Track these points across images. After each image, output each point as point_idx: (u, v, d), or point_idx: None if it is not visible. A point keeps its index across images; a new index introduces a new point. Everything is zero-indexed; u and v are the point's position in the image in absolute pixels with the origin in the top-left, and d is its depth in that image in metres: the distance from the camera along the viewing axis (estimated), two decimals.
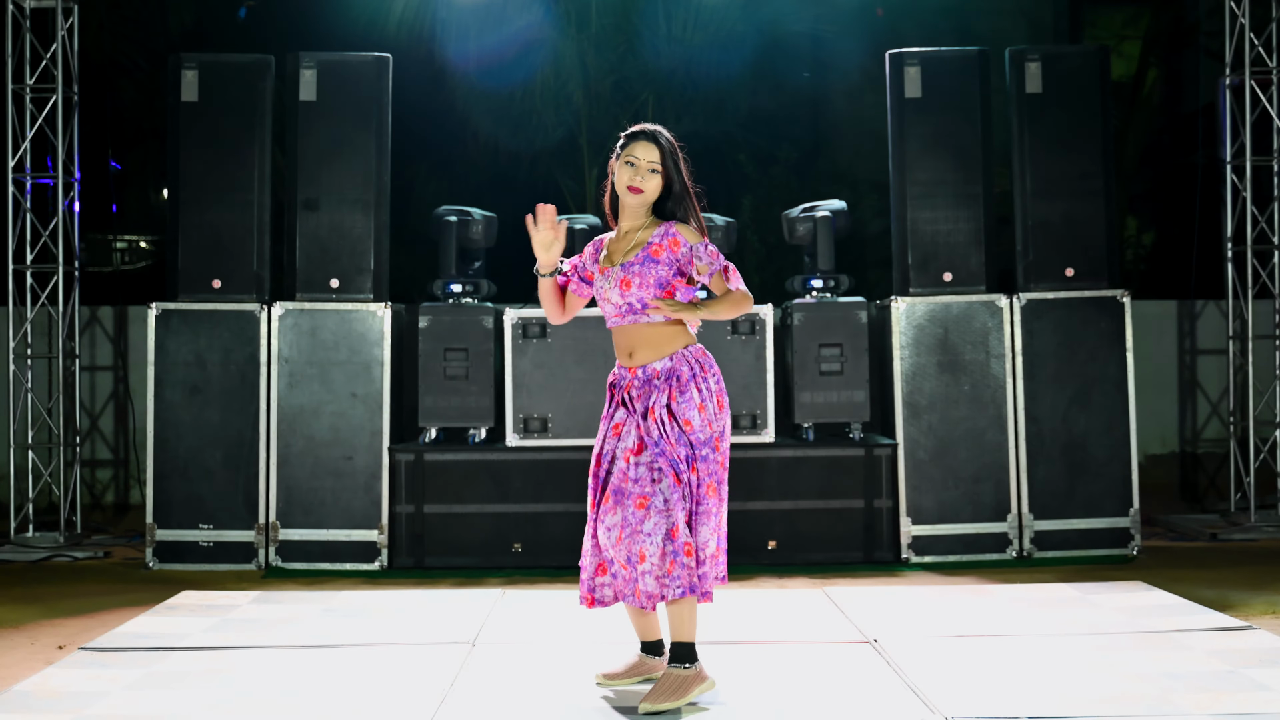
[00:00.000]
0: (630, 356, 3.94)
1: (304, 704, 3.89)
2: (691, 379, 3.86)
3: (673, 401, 3.84)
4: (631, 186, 3.90)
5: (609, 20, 11.05)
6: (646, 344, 3.91)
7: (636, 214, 3.96)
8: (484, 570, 6.34)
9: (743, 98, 11.54)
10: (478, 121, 11.50)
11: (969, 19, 11.74)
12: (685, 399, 3.84)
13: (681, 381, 3.85)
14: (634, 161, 3.90)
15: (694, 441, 3.83)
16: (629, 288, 3.89)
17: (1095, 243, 6.62)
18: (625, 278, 3.89)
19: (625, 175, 3.91)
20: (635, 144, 3.92)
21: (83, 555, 6.74)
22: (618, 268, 3.92)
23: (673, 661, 3.87)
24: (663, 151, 3.91)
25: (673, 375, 3.87)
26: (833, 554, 6.36)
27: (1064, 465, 6.48)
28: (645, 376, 3.89)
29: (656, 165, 3.90)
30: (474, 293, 6.68)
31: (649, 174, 3.90)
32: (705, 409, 3.85)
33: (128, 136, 11.95)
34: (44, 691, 4.02)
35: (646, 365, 3.90)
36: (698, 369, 3.89)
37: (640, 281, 3.88)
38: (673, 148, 3.94)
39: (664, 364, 3.88)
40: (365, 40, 9.81)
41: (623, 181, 3.91)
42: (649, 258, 3.89)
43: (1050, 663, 4.25)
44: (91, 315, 8.30)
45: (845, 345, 6.57)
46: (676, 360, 3.88)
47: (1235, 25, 7.30)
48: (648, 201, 3.93)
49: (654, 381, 3.88)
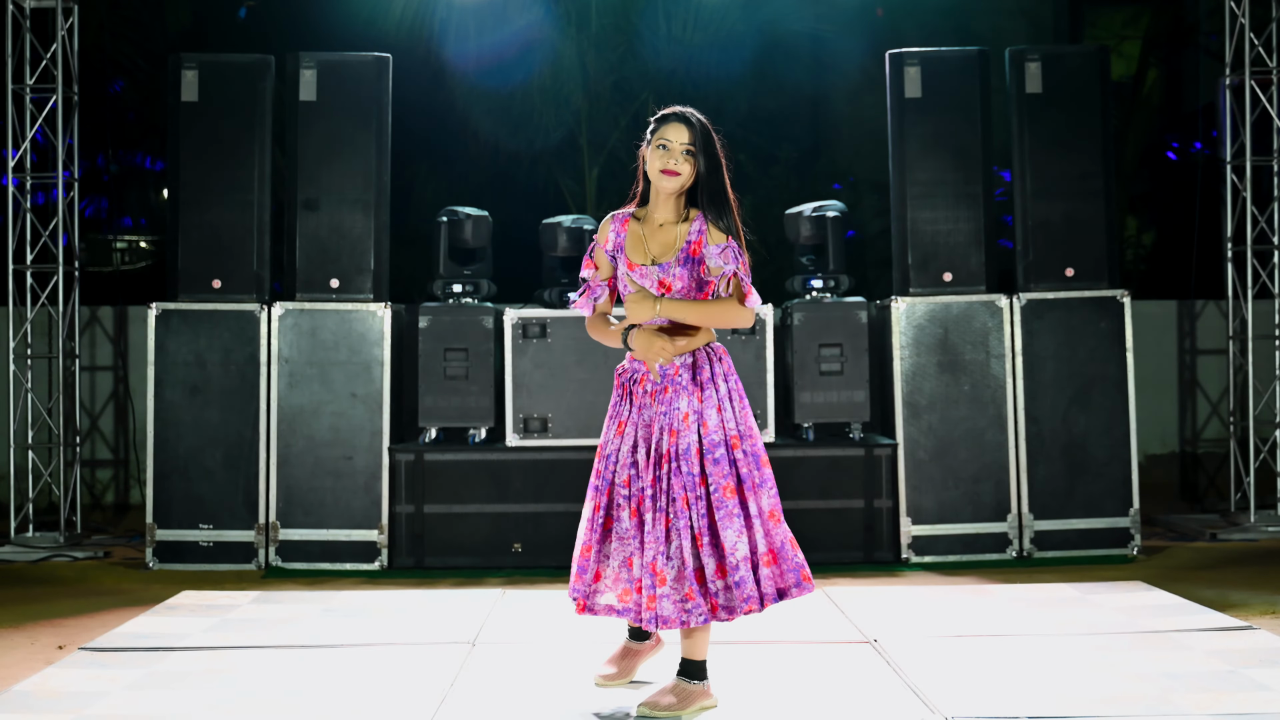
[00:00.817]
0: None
1: (304, 704, 3.89)
2: (711, 379, 3.73)
3: (689, 402, 3.70)
4: (666, 170, 3.69)
5: (609, 20, 11.05)
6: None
7: (668, 203, 3.76)
8: (484, 570, 6.34)
9: (743, 98, 11.54)
10: (478, 121, 11.50)
11: (969, 19, 11.74)
12: (706, 398, 3.71)
13: (701, 380, 3.73)
14: (667, 144, 3.69)
15: (707, 445, 3.68)
16: (669, 292, 3.73)
17: (1095, 243, 6.62)
18: (664, 280, 3.73)
19: (658, 160, 3.69)
20: (666, 126, 3.71)
21: (83, 555, 6.74)
22: (655, 268, 3.74)
23: (682, 674, 3.80)
24: (695, 133, 3.69)
25: (695, 370, 3.73)
26: (833, 554, 6.36)
27: (1064, 465, 6.48)
28: (663, 372, 3.74)
29: (690, 147, 3.68)
30: (474, 293, 6.68)
31: (683, 157, 3.69)
32: (723, 410, 3.72)
33: (128, 136, 11.96)
34: (44, 691, 4.02)
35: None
36: (716, 365, 3.76)
37: (683, 286, 3.72)
38: (706, 129, 3.72)
39: (683, 359, 3.74)
40: (365, 40, 9.81)
41: (655, 167, 3.71)
42: (689, 257, 3.72)
43: (1050, 663, 4.25)
44: (91, 315, 8.30)
45: (845, 345, 6.58)
46: (698, 356, 3.74)
47: (1235, 25, 7.30)
48: (683, 186, 3.72)
49: (674, 379, 3.73)
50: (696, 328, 3.77)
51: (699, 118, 3.73)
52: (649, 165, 3.75)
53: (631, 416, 3.78)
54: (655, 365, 3.74)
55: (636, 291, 3.77)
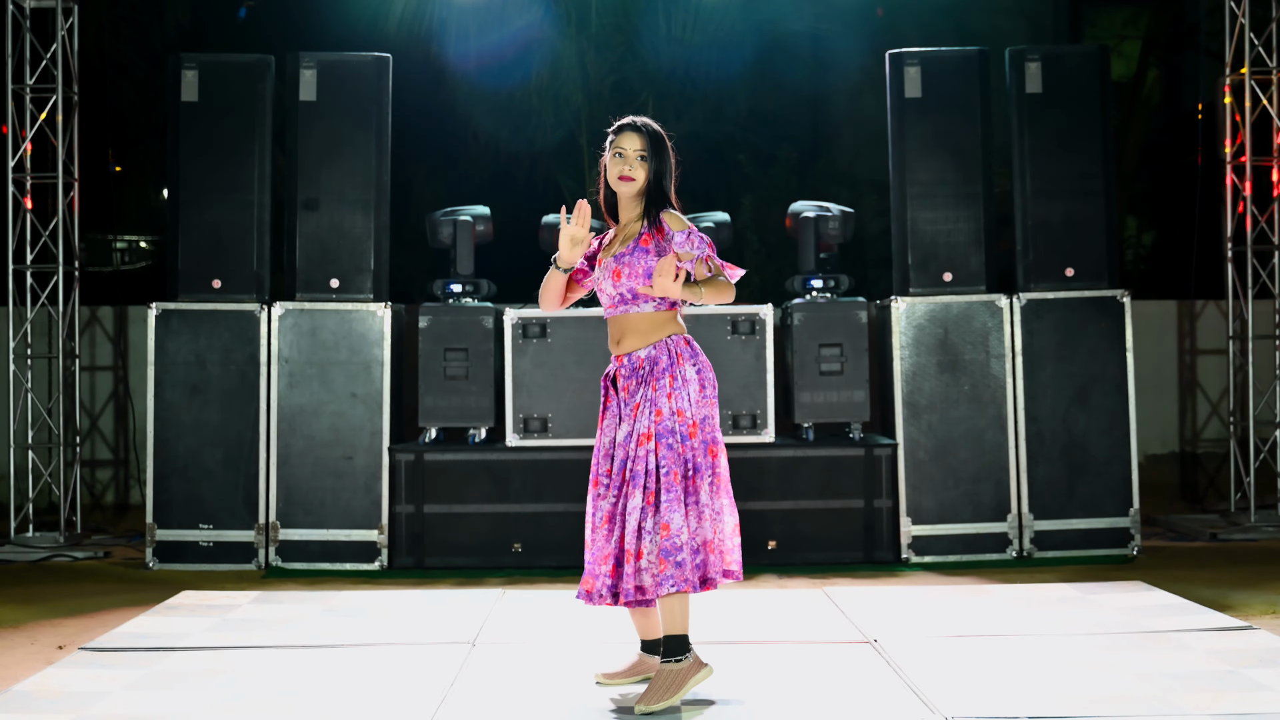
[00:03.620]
0: (618, 344, 4.01)
1: (304, 704, 3.89)
2: (668, 367, 3.93)
3: (650, 389, 3.92)
4: (623, 176, 4.00)
5: (609, 20, 11.05)
6: (634, 332, 3.99)
7: (630, 206, 4.06)
8: (484, 570, 6.34)
9: (743, 98, 11.54)
10: (478, 121, 11.50)
11: (969, 19, 11.74)
12: (660, 386, 3.91)
13: (658, 369, 3.93)
14: (622, 152, 4.01)
15: (660, 431, 3.88)
16: (619, 278, 3.97)
17: (1095, 243, 6.62)
18: (616, 268, 3.98)
19: (615, 167, 4.02)
20: (621, 136, 4.03)
21: (83, 555, 6.74)
22: (610, 258, 4.01)
23: (666, 657, 3.87)
24: (646, 139, 4.01)
25: (653, 362, 3.95)
26: (833, 554, 6.36)
27: (1064, 465, 6.48)
28: (631, 365, 3.98)
29: (643, 153, 4.00)
30: (474, 293, 6.68)
31: (637, 162, 4.00)
32: (674, 397, 3.90)
33: (128, 136, 11.96)
34: (44, 691, 4.02)
35: (632, 354, 3.98)
36: (675, 357, 3.94)
37: (630, 271, 3.96)
38: (658, 135, 4.03)
39: (647, 351, 3.96)
40: (365, 40, 9.81)
41: (614, 173, 4.02)
42: (639, 247, 3.97)
43: (1050, 663, 4.25)
44: (91, 315, 8.30)
45: (845, 345, 6.58)
46: (659, 348, 3.96)
47: (1235, 25, 7.30)
48: (639, 189, 4.02)
49: (639, 371, 3.96)
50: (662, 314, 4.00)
51: (652, 126, 4.04)
52: (609, 173, 4.06)
53: (610, 411, 4.03)
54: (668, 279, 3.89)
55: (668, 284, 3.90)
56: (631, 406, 3.93)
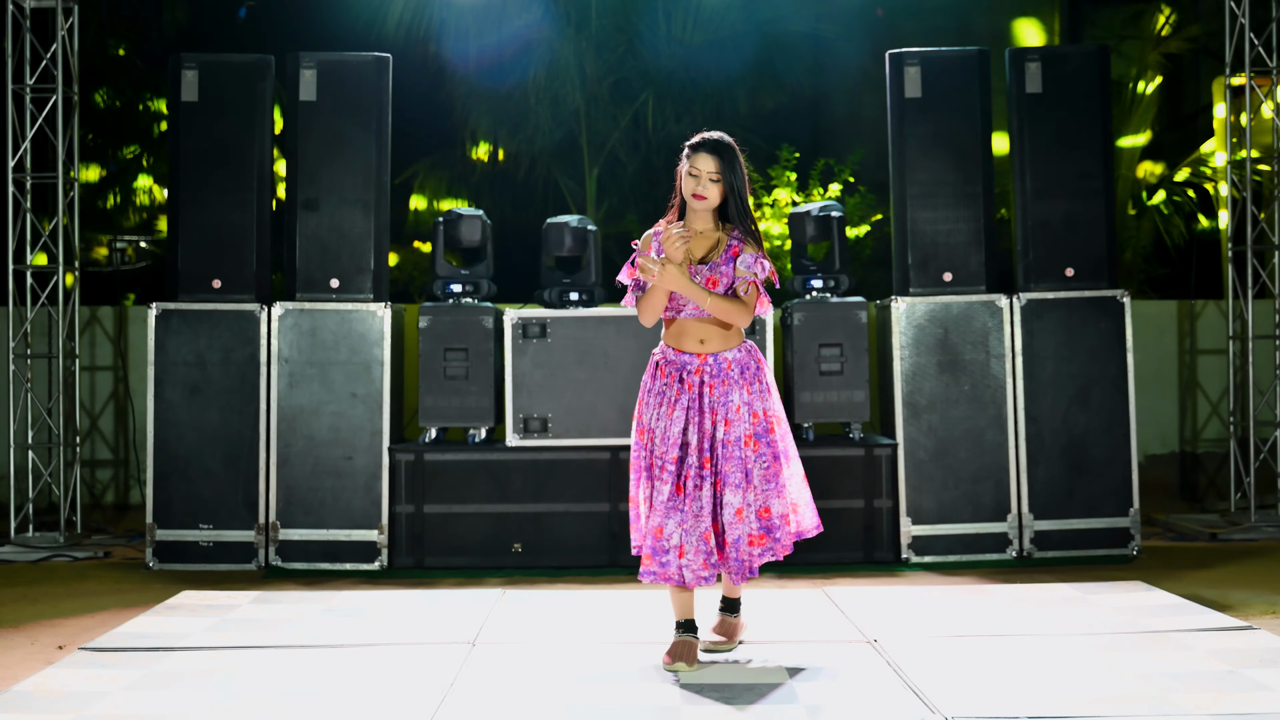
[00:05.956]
0: (702, 344, 4.28)
1: (304, 704, 3.89)
2: (756, 371, 4.30)
3: (747, 393, 4.26)
4: (696, 195, 4.26)
5: (609, 20, 11.06)
6: (718, 335, 4.28)
7: (705, 218, 4.32)
8: (484, 570, 6.34)
9: (743, 97, 11.55)
10: (477, 121, 11.50)
11: (969, 19, 11.75)
12: (754, 390, 4.28)
13: (748, 373, 4.28)
14: (696, 173, 4.25)
15: (758, 432, 4.25)
16: (715, 286, 4.25)
17: (1095, 243, 6.62)
18: (712, 277, 4.26)
19: (689, 185, 4.27)
20: (697, 156, 4.26)
21: (83, 555, 6.74)
22: (705, 266, 4.27)
23: (725, 610, 4.56)
24: (722, 162, 4.25)
25: (742, 366, 4.28)
26: (833, 554, 6.36)
27: (1064, 465, 6.48)
28: (718, 365, 4.27)
29: (715, 175, 4.25)
30: (474, 293, 6.68)
31: (710, 183, 4.25)
32: (767, 396, 4.30)
33: (127, 136, 11.96)
34: (44, 691, 4.02)
35: (719, 354, 4.27)
36: (759, 364, 4.32)
37: (726, 282, 4.26)
38: (731, 153, 4.26)
39: (735, 354, 4.29)
40: (365, 40, 9.83)
41: (688, 190, 4.28)
42: (731, 258, 4.28)
43: (1050, 663, 4.25)
44: (91, 315, 8.30)
45: (845, 345, 6.58)
46: (743, 351, 4.31)
47: (1235, 25, 7.30)
48: (712, 207, 4.29)
49: (727, 371, 4.26)
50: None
51: (728, 145, 4.28)
52: (683, 187, 4.31)
53: (682, 401, 4.25)
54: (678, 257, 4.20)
55: (693, 286, 4.23)
56: (727, 407, 4.23)
